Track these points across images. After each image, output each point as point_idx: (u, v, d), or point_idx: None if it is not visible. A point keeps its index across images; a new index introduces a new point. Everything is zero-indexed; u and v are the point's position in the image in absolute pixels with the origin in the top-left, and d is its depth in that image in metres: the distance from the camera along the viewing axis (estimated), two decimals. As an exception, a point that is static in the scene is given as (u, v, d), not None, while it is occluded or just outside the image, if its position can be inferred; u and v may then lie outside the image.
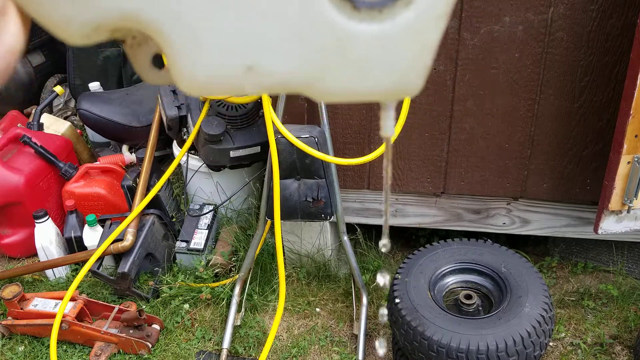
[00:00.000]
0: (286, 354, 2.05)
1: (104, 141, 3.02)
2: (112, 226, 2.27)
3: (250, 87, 0.34)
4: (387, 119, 0.40)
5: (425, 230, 2.44)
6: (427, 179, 2.12)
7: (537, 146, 1.99)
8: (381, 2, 0.32)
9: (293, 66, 0.33)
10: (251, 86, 0.34)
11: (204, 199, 2.51)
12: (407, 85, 0.36)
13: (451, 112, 1.98)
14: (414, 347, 1.67)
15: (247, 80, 0.34)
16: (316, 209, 1.98)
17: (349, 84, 0.35)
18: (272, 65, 0.33)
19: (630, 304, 2.13)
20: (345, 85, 0.35)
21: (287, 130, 1.84)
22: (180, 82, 0.34)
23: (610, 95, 1.86)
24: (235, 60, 0.33)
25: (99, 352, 2.02)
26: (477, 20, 1.82)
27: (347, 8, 0.32)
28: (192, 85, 0.34)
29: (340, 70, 0.34)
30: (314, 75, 0.34)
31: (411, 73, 0.35)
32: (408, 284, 1.78)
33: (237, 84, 0.34)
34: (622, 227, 1.85)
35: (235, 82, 0.34)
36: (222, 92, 0.35)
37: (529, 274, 1.77)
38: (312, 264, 2.33)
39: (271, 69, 0.33)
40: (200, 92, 0.35)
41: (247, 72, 0.33)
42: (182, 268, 2.34)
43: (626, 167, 1.72)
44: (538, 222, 2.15)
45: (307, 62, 0.33)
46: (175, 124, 2.38)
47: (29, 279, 2.42)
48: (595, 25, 1.78)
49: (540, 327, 1.63)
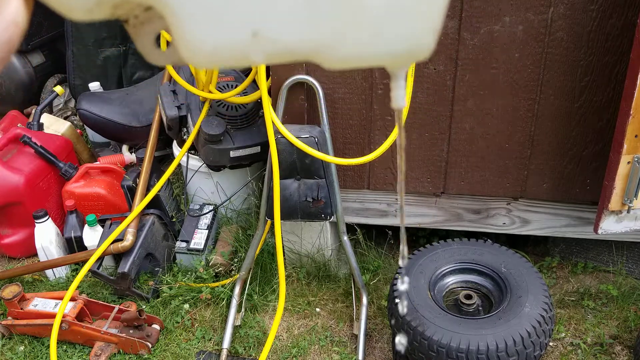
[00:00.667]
0: (286, 354, 2.05)
1: (104, 141, 3.02)
2: (112, 226, 2.27)
3: (257, 55, 0.33)
4: (398, 89, 0.39)
5: (425, 230, 2.44)
6: (427, 179, 2.12)
7: (537, 146, 1.99)
8: None
9: (302, 33, 0.32)
10: (258, 54, 0.33)
11: (204, 199, 2.51)
12: (418, 47, 0.35)
13: (451, 112, 1.98)
14: (414, 347, 1.67)
15: (253, 47, 0.33)
16: (316, 209, 1.98)
17: (360, 49, 0.34)
18: (280, 31, 0.32)
19: (630, 304, 2.13)
20: (357, 51, 0.34)
21: (287, 130, 1.84)
22: (186, 54, 0.33)
23: (610, 95, 1.86)
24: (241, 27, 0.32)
25: (99, 352, 2.02)
26: (477, 20, 1.82)
27: None
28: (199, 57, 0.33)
29: (351, 36, 0.33)
30: (323, 42, 0.33)
31: (422, 34, 0.35)
32: (408, 284, 1.78)
33: (243, 52, 0.33)
34: (622, 227, 1.85)
35: (241, 49, 0.33)
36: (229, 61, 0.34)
37: (529, 274, 1.77)
38: (312, 264, 2.33)
39: (279, 35, 0.32)
40: (207, 63, 0.34)
41: (253, 39, 0.32)
42: (182, 268, 2.34)
43: (626, 167, 1.72)
44: (538, 222, 2.15)
45: (316, 29, 0.32)
46: (175, 124, 2.38)
47: (29, 279, 2.42)
48: (595, 25, 1.78)
49: (540, 327, 1.63)
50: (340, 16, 0.32)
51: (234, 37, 0.33)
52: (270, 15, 0.32)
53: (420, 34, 0.35)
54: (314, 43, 0.33)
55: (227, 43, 0.33)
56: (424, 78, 1.93)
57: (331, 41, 0.33)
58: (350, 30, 0.33)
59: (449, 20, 1.83)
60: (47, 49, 3.44)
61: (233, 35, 0.32)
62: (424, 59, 0.36)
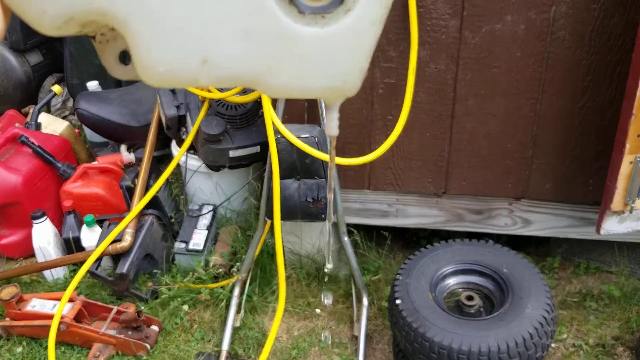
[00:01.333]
0: (286, 355, 2.03)
1: (103, 141, 3.00)
2: (110, 227, 2.26)
3: (204, 79, 0.37)
4: (331, 120, 0.44)
5: (426, 231, 2.42)
6: (428, 179, 2.10)
7: (539, 146, 1.97)
8: (324, 8, 0.36)
9: (244, 61, 0.37)
10: (205, 78, 0.37)
11: (203, 199, 2.50)
12: (345, 84, 0.39)
13: (452, 112, 1.96)
14: (414, 349, 1.66)
15: (202, 72, 0.37)
16: (316, 209, 1.96)
17: (293, 81, 0.38)
18: (224, 59, 0.37)
19: (633, 304, 2.12)
20: (290, 82, 0.38)
21: (287, 130, 1.83)
22: (142, 74, 0.37)
23: (612, 94, 1.85)
24: (191, 53, 0.36)
25: (97, 354, 2.01)
26: (479, 19, 1.80)
27: (293, 12, 0.35)
28: (152, 76, 0.37)
29: (285, 68, 0.37)
30: (262, 71, 0.37)
31: (349, 73, 0.39)
32: (409, 285, 1.76)
33: (193, 76, 0.37)
34: (625, 227, 1.84)
35: (191, 73, 0.37)
36: (180, 83, 0.38)
37: (531, 274, 1.76)
38: (312, 265, 2.32)
39: (224, 62, 0.37)
40: (160, 83, 0.38)
41: (202, 65, 0.37)
42: (181, 269, 2.32)
43: (628, 167, 1.71)
44: (540, 222, 2.13)
45: (255, 58, 0.37)
46: (174, 124, 2.36)
47: (26, 280, 2.41)
48: (598, 24, 1.76)
49: (542, 329, 1.62)
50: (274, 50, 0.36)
51: (185, 62, 0.37)
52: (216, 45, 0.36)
53: (346, 72, 0.39)
54: (254, 73, 0.38)
55: (179, 67, 0.37)
56: (425, 77, 1.91)
57: (268, 72, 0.37)
58: (284, 64, 0.37)
59: (451, 18, 1.81)
60: (45, 48, 3.42)
61: (184, 60, 0.37)
62: (350, 95, 0.40)
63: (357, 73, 0.39)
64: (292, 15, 0.35)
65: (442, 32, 1.84)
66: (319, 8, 0.35)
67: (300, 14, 0.35)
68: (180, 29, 0.35)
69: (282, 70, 0.38)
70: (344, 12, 0.36)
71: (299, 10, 0.35)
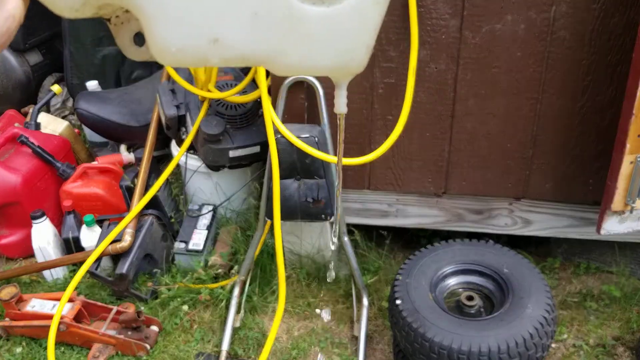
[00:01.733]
0: (286, 355, 2.03)
1: (102, 141, 3.00)
2: (110, 227, 2.26)
3: (215, 58, 0.39)
4: (340, 97, 0.48)
5: (427, 231, 2.42)
6: (428, 179, 2.10)
7: (539, 146, 1.97)
8: None
9: (253, 41, 0.38)
10: (216, 58, 0.39)
11: (203, 199, 2.50)
12: (352, 62, 0.41)
13: (452, 112, 1.96)
14: (415, 349, 1.66)
15: (212, 52, 0.38)
16: (316, 209, 1.96)
17: (302, 60, 0.40)
18: (234, 39, 0.38)
19: (633, 305, 2.11)
20: (299, 61, 0.39)
21: (287, 130, 1.83)
22: (156, 54, 0.39)
23: (612, 94, 1.85)
24: (202, 34, 0.37)
25: (97, 354, 2.00)
26: (479, 19, 1.80)
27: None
28: (165, 56, 0.38)
29: (293, 47, 0.39)
30: (271, 51, 0.39)
31: (355, 51, 0.40)
32: (409, 285, 1.76)
33: (204, 55, 0.39)
34: (625, 227, 1.84)
35: (202, 53, 0.38)
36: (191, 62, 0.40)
37: (531, 275, 1.76)
38: (312, 265, 2.31)
39: (233, 42, 0.38)
40: (172, 61, 0.39)
41: (213, 45, 0.38)
42: (180, 269, 2.32)
43: (629, 167, 1.71)
44: (540, 222, 2.13)
45: (265, 38, 0.38)
46: (174, 124, 2.36)
47: (26, 280, 2.40)
48: (598, 24, 1.76)
49: (543, 329, 1.61)
50: (282, 29, 0.38)
51: (196, 42, 0.38)
52: (226, 26, 0.37)
53: (352, 49, 0.40)
54: (264, 52, 0.39)
55: (190, 46, 0.38)
56: (425, 77, 1.91)
57: (277, 52, 0.39)
58: (292, 43, 0.38)
59: (451, 18, 1.81)
60: (44, 48, 3.42)
61: (195, 41, 0.38)
62: (358, 72, 0.41)
63: (364, 50, 0.40)
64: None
65: (442, 32, 1.84)
66: None
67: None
68: (192, 11, 0.36)
69: (291, 50, 0.38)
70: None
71: None
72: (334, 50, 0.39)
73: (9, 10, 0.34)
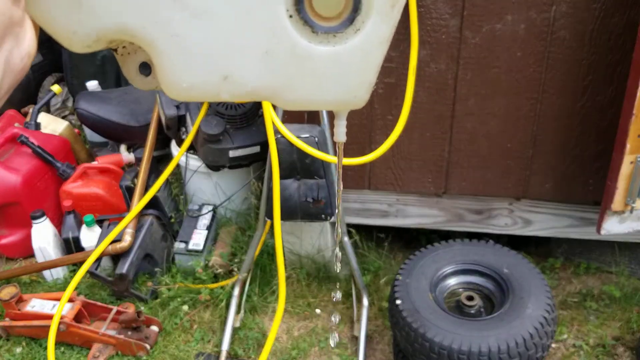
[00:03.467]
0: (286, 355, 2.03)
1: (102, 141, 3.00)
2: (110, 227, 2.25)
3: (225, 94, 0.41)
4: (340, 127, 0.48)
5: (427, 231, 2.42)
6: (429, 179, 2.10)
7: (539, 146, 1.97)
8: (335, 28, 0.39)
9: (262, 78, 0.40)
10: (226, 93, 0.41)
11: (203, 199, 2.50)
12: (354, 98, 0.43)
13: (453, 112, 1.96)
14: (415, 349, 1.66)
15: (223, 88, 0.40)
16: (316, 210, 1.96)
17: (308, 95, 0.42)
18: (245, 76, 0.40)
19: (633, 305, 2.11)
20: (304, 96, 0.42)
21: (287, 130, 1.83)
22: (165, 88, 0.40)
23: (612, 94, 1.85)
24: (214, 70, 0.39)
25: (97, 354, 2.00)
26: (479, 19, 1.80)
27: (307, 32, 0.39)
28: (175, 91, 0.40)
29: (300, 83, 0.41)
30: (279, 87, 0.41)
31: (358, 87, 0.42)
32: (409, 285, 1.76)
33: (214, 91, 0.40)
34: (625, 227, 1.84)
35: (213, 89, 0.40)
36: (202, 97, 0.41)
37: (531, 275, 1.76)
38: (312, 265, 2.31)
39: (244, 79, 0.40)
40: (183, 97, 0.41)
41: (223, 81, 0.40)
42: (180, 269, 2.32)
43: (629, 167, 1.71)
44: (540, 222, 2.13)
45: (274, 75, 0.40)
46: (173, 124, 2.36)
47: (26, 280, 2.40)
48: (598, 24, 1.76)
49: (543, 329, 1.61)
50: (290, 67, 0.40)
51: (208, 79, 0.40)
52: (237, 63, 0.39)
53: (356, 86, 0.42)
54: (272, 88, 0.41)
55: (201, 83, 0.40)
56: (425, 77, 1.91)
57: (284, 87, 0.41)
58: (299, 80, 0.40)
59: (451, 18, 1.81)
60: (44, 48, 3.41)
61: (207, 77, 0.40)
62: (359, 107, 0.43)
63: (366, 87, 0.43)
64: (306, 35, 0.39)
65: (442, 31, 1.84)
66: (331, 28, 0.39)
67: (313, 33, 0.39)
68: (204, 50, 0.38)
69: (298, 86, 0.41)
70: (353, 31, 0.39)
71: (312, 30, 0.38)
72: (338, 86, 0.41)
73: (25, 48, 0.34)
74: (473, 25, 1.81)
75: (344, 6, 0.38)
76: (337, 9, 0.38)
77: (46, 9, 0.36)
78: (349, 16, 0.38)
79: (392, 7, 0.38)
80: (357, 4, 0.38)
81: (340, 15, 0.38)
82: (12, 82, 0.34)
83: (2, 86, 0.32)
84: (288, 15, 0.37)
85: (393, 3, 0.38)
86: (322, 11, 0.38)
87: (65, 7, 0.36)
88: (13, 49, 0.32)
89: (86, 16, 0.36)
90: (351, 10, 0.38)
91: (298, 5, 0.37)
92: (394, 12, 0.38)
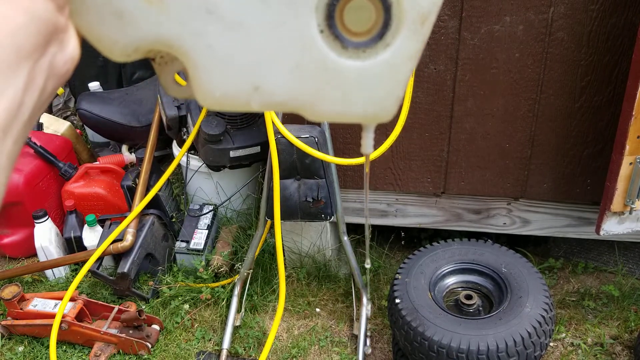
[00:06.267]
0: (286, 354, 2.04)
1: (104, 141, 3.01)
2: (111, 226, 2.27)
3: (255, 104, 0.42)
4: (367, 139, 0.48)
5: (426, 231, 2.43)
6: (428, 179, 2.11)
7: (537, 146, 1.98)
8: (365, 43, 0.40)
9: (292, 90, 0.41)
10: (256, 103, 0.42)
11: (204, 199, 2.51)
12: (382, 111, 0.44)
13: (451, 112, 1.97)
14: (414, 348, 1.67)
15: (253, 98, 0.41)
16: (316, 209, 1.97)
17: (335, 108, 0.42)
18: (275, 87, 0.41)
19: (631, 304, 2.12)
20: (333, 109, 0.43)
21: (287, 130, 1.84)
22: (198, 97, 0.42)
23: (610, 95, 1.86)
24: (246, 81, 0.41)
25: (98, 353, 2.02)
26: (478, 20, 1.81)
27: (337, 47, 0.39)
28: (208, 100, 0.42)
29: (328, 96, 0.42)
30: (308, 99, 0.42)
31: (386, 102, 0.43)
32: (408, 284, 1.77)
33: (245, 101, 0.42)
34: (624, 228, 1.85)
35: (244, 99, 0.42)
36: (233, 106, 0.42)
37: (530, 274, 1.77)
38: (312, 264, 2.32)
39: (274, 90, 0.41)
40: (215, 106, 0.42)
41: (254, 91, 0.41)
42: (181, 268, 2.33)
43: (628, 168, 1.71)
44: (538, 222, 2.14)
45: (303, 88, 0.41)
46: (175, 124, 2.37)
47: (28, 279, 2.42)
48: (596, 25, 1.77)
49: (541, 328, 1.62)
50: (320, 80, 0.41)
51: (239, 89, 0.41)
52: (268, 75, 0.40)
53: (383, 101, 0.43)
54: (301, 100, 0.42)
55: (233, 92, 0.41)
56: (424, 78, 1.92)
57: (312, 100, 0.41)
58: (328, 93, 0.41)
59: (450, 19, 1.82)
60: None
61: (238, 87, 0.41)
62: (387, 120, 0.44)
63: (394, 101, 0.43)
64: (336, 49, 0.39)
65: (441, 32, 1.85)
66: (361, 43, 0.39)
67: (343, 48, 0.39)
68: (237, 61, 0.39)
69: (326, 99, 0.42)
70: (383, 47, 0.40)
71: (342, 45, 0.39)
72: (366, 100, 0.42)
73: (69, 53, 0.35)
74: (472, 26, 1.82)
75: (375, 22, 0.39)
76: (368, 25, 0.39)
77: (89, 18, 0.37)
78: (379, 32, 0.39)
79: (422, 24, 0.38)
80: (387, 20, 0.38)
81: (370, 30, 0.39)
82: (55, 86, 0.34)
83: (47, 89, 0.33)
84: (319, 30, 0.38)
85: (423, 19, 0.38)
86: (353, 27, 0.39)
87: (108, 18, 0.37)
88: (57, 54, 0.34)
89: (127, 27, 0.38)
90: (381, 26, 0.39)
91: (329, 20, 0.38)
92: (424, 28, 0.39)
